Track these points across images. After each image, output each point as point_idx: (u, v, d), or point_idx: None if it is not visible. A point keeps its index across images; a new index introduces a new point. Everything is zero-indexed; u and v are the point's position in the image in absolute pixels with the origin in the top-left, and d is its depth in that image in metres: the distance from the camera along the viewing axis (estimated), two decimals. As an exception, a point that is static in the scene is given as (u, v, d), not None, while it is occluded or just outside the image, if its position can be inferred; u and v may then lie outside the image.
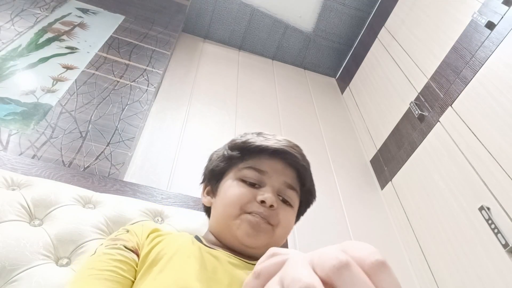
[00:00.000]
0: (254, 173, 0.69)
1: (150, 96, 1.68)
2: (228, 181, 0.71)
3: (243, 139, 0.74)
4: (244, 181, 0.69)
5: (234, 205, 0.66)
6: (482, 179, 1.33)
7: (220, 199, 0.70)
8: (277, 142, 0.72)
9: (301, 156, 0.73)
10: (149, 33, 2.12)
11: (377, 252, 0.23)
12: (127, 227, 0.69)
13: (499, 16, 1.46)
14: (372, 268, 0.22)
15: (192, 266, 0.59)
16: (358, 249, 0.24)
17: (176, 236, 0.69)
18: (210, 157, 0.81)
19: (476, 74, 1.49)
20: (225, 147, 0.76)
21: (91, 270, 0.57)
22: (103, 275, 0.56)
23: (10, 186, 0.82)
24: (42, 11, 1.95)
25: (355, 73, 2.53)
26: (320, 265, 0.23)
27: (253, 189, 0.67)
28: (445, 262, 1.39)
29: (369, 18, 2.59)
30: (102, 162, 1.27)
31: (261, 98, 2.28)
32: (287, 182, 0.70)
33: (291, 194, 0.70)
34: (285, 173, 0.70)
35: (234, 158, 0.72)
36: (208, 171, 0.78)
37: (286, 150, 0.71)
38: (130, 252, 0.62)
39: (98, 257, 0.60)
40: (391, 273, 0.23)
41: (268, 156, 0.70)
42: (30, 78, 1.51)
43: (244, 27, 2.59)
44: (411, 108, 1.81)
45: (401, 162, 1.79)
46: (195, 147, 1.73)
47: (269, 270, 0.26)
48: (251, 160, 0.70)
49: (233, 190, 0.68)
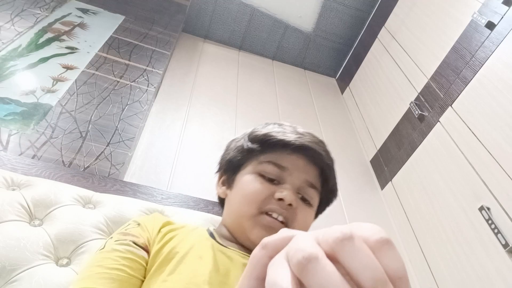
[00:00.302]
0: (274, 168, 0.64)
1: (150, 96, 1.68)
2: (246, 175, 0.66)
3: (264, 131, 0.68)
4: (262, 176, 0.64)
5: (251, 203, 0.62)
6: (482, 179, 1.33)
7: (236, 193, 0.66)
8: (300, 137, 0.67)
9: (326, 153, 0.69)
10: (149, 33, 2.12)
11: (382, 231, 0.23)
12: (138, 220, 0.67)
13: (499, 16, 1.46)
14: (376, 245, 0.22)
15: (204, 268, 0.56)
16: (364, 228, 0.24)
17: (189, 231, 0.66)
18: (228, 145, 0.76)
19: (476, 74, 1.49)
20: (245, 138, 0.70)
21: (99, 268, 0.56)
22: (110, 274, 0.55)
23: (10, 186, 0.82)
24: (42, 11, 1.95)
25: (355, 73, 2.53)
26: (325, 239, 0.23)
27: (271, 186, 0.63)
28: (445, 262, 1.39)
29: (369, 18, 2.59)
30: (102, 162, 1.27)
31: (261, 98, 2.28)
32: (308, 181, 0.65)
33: (312, 193, 0.66)
34: (307, 171, 0.66)
35: (254, 151, 0.68)
36: (225, 162, 0.73)
37: (309, 147, 0.66)
38: (140, 249, 0.60)
39: (107, 254, 0.58)
40: (395, 251, 0.23)
41: (290, 151, 0.66)
42: (30, 78, 1.51)
43: (244, 27, 2.59)
44: (411, 108, 1.81)
45: (401, 162, 1.79)
46: (195, 147, 1.73)
47: (276, 243, 0.26)
48: (271, 154, 0.66)
49: (251, 185, 0.64)
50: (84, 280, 0.55)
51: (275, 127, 0.70)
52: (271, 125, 0.71)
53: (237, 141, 0.73)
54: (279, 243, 0.26)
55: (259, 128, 0.71)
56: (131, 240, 0.60)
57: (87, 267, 0.57)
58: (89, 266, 0.57)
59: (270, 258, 0.26)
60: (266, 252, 0.27)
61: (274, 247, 0.26)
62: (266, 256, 0.27)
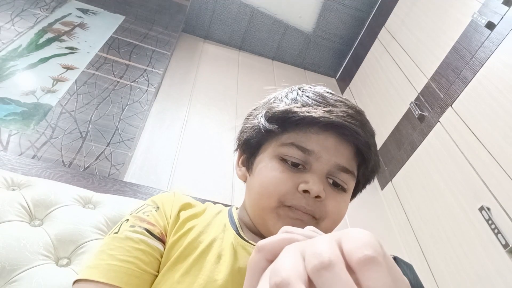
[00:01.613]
0: (298, 152, 0.53)
1: (150, 96, 1.68)
2: (265, 159, 0.56)
3: (283, 106, 0.56)
4: (284, 160, 0.54)
5: (271, 195, 0.52)
6: (482, 179, 1.33)
7: (255, 181, 0.56)
8: (329, 110, 0.53)
9: (363, 129, 0.55)
10: (149, 33, 2.12)
11: (370, 244, 0.22)
12: (157, 201, 0.60)
13: (499, 16, 1.46)
14: (359, 264, 0.21)
15: (222, 270, 0.52)
16: (352, 239, 0.23)
17: (210, 218, 0.60)
18: (247, 117, 0.64)
19: (476, 74, 1.49)
20: (262, 114, 0.58)
21: (110, 259, 0.52)
22: (121, 267, 0.51)
23: (10, 186, 0.82)
24: (42, 11, 1.95)
25: (355, 74, 2.53)
26: (306, 261, 0.22)
27: (294, 174, 0.53)
28: (445, 262, 1.39)
29: (369, 18, 2.59)
30: (102, 162, 1.27)
31: (261, 98, 2.27)
32: (340, 164, 0.53)
33: (345, 177, 0.55)
34: (338, 152, 0.53)
35: (273, 131, 0.56)
36: (243, 142, 0.61)
37: (341, 124, 0.53)
38: (155, 240, 0.55)
39: (120, 242, 0.54)
40: (380, 270, 0.21)
41: (317, 129, 0.53)
42: (30, 78, 1.51)
43: (244, 27, 2.59)
44: (411, 108, 1.81)
45: (401, 162, 1.79)
46: (195, 147, 1.73)
47: (274, 245, 0.26)
48: (294, 134, 0.54)
49: (270, 174, 0.53)
50: (93, 269, 0.51)
51: (296, 97, 0.57)
52: (291, 93, 0.59)
53: (255, 115, 0.61)
54: (277, 245, 0.26)
55: (277, 101, 0.59)
56: (145, 228, 0.55)
57: (99, 253, 0.54)
58: (100, 251, 0.54)
59: (268, 261, 0.26)
60: (262, 255, 0.26)
61: (270, 250, 0.26)
62: (263, 259, 0.26)
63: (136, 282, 0.51)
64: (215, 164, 1.69)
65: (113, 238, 0.55)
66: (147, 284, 0.53)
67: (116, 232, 0.56)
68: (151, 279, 0.53)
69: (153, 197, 0.62)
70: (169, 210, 0.59)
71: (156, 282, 0.53)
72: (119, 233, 0.55)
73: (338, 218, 0.55)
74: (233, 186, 1.62)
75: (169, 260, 0.54)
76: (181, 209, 0.60)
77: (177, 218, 0.59)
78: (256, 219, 0.57)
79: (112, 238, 0.55)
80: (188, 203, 0.62)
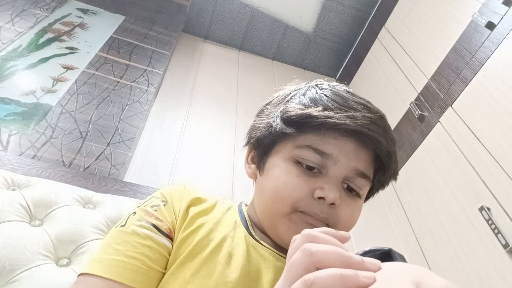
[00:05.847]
0: (314, 155, 0.51)
1: (150, 96, 1.68)
2: (279, 160, 0.54)
3: (302, 109, 0.53)
4: (299, 163, 0.52)
5: (284, 201, 0.51)
6: (482, 179, 1.33)
7: (268, 182, 0.54)
8: (351, 115, 0.51)
9: (385, 137, 0.52)
10: (149, 33, 2.12)
11: None
12: (166, 195, 0.59)
13: (499, 16, 1.46)
14: None
15: (233, 271, 0.50)
16: (432, 283, 0.22)
17: (221, 215, 0.58)
18: (259, 113, 0.62)
19: (476, 75, 1.49)
20: (278, 114, 0.55)
21: (116, 254, 0.51)
22: (127, 264, 0.50)
23: (10, 186, 0.82)
24: (42, 11, 1.95)
25: (355, 73, 2.53)
26: None
27: (310, 178, 0.51)
28: (445, 262, 1.39)
29: (369, 18, 2.59)
30: (102, 163, 1.27)
31: (261, 98, 2.27)
32: (358, 169, 0.51)
33: (362, 182, 0.53)
34: (357, 157, 0.52)
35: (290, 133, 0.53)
36: (255, 140, 0.58)
37: (363, 132, 0.50)
38: (162, 236, 0.53)
39: (127, 236, 0.52)
40: None
41: (337, 134, 0.51)
42: (30, 79, 1.51)
43: (244, 27, 2.59)
44: (411, 108, 1.81)
45: (401, 162, 1.79)
46: (195, 147, 1.73)
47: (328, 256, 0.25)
48: (311, 136, 0.52)
49: (284, 178, 0.51)
50: (98, 263, 0.50)
51: (315, 96, 0.54)
52: (310, 91, 0.56)
53: (268, 113, 0.58)
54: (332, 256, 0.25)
55: (294, 99, 0.56)
56: (153, 223, 0.54)
57: (105, 246, 0.52)
58: (106, 244, 0.53)
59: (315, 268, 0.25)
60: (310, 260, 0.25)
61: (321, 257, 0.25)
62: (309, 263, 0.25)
63: (142, 279, 0.50)
64: (215, 164, 1.69)
65: (119, 232, 0.53)
66: (154, 282, 0.52)
67: (123, 225, 0.54)
68: (158, 277, 0.52)
69: (162, 190, 0.60)
70: (178, 205, 0.57)
71: (164, 281, 0.52)
72: (126, 227, 0.54)
73: (351, 224, 0.54)
74: (233, 186, 1.62)
75: (178, 258, 0.52)
76: (190, 204, 0.58)
77: (186, 214, 0.57)
78: (265, 221, 0.55)
79: (118, 231, 0.54)
80: (198, 197, 0.60)
